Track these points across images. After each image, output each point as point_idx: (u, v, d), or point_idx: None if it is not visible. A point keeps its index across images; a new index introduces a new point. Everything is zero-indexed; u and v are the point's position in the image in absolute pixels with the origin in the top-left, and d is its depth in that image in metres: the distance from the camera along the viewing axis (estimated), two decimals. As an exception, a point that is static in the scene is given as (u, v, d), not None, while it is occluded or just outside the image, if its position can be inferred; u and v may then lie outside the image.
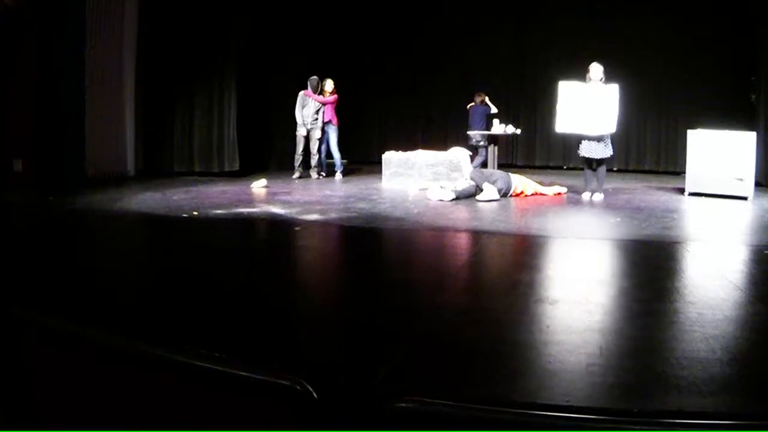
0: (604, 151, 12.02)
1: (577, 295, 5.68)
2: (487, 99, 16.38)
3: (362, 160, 19.19)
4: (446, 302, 5.71)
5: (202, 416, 1.87)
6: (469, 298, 6.00)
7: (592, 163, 12.26)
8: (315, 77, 15.80)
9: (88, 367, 2.14)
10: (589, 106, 11.98)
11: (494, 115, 16.19)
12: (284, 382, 1.76)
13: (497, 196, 11.86)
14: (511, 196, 12.26)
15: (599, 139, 11.95)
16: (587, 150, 12.12)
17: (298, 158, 15.83)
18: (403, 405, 1.69)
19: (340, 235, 9.42)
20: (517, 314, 5.27)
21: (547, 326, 4.92)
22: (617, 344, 4.51)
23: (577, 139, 12.31)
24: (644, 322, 4.90)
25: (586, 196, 12.26)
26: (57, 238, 8.99)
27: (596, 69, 12.13)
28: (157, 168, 16.18)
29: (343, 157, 16.61)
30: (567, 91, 12.26)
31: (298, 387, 1.73)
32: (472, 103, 16.47)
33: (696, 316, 4.97)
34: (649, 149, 18.24)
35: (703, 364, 4.01)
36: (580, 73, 12.37)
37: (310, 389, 1.73)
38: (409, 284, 6.34)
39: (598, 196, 12.12)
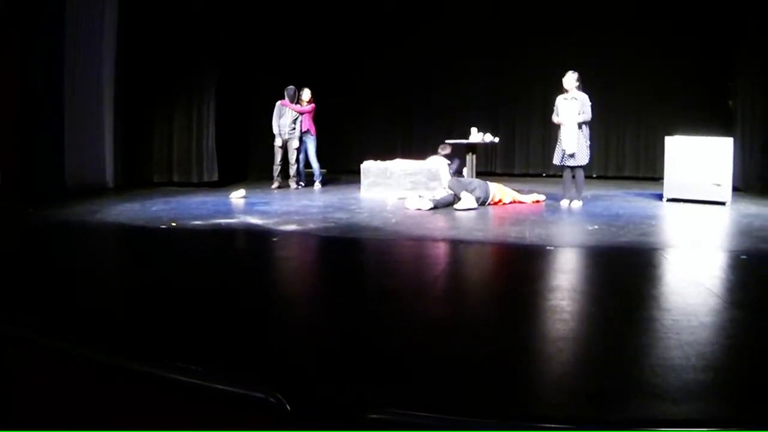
0: (575, 158, 12.01)
1: (552, 303, 5.70)
2: (447, 154, 15.11)
3: (341, 169, 19.17)
4: (423, 312, 5.72)
5: (177, 428, 1.89)
6: (445, 308, 6.01)
7: (570, 171, 12.28)
8: (292, 87, 15.79)
9: (65, 380, 2.15)
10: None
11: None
12: (258, 395, 1.78)
13: (475, 205, 11.87)
14: (489, 204, 12.26)
15: (571, 145, 11.96)
16: (558, 158, 12.19)
17: (276, 168, 15.81)
18: (377, 416, 1.71)
19: (318, 245, 9.40)
20: (493, 324, 5.29)
21: (523, 336, 4.94)
22: (592, 353, 4.54)
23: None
24: (619, 330, 4.93)
25: (564, 203, 12.28)
26: (35, 250, 8.96)
27: (567, 78, 12.17)
28: (137, 179, 16.15)
29: (321, 167, 16.59)
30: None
31: (272, 399, 1.75)
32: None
33: (671, 323, 5.00)
34: (628, 155, 18.30)
35: (678, 372, 4.03)
36: (555, 82, 12.40)
37: (284, 401, 1.75)
38: (386, 294, 6.35)
39: (577, 203, 12.13)
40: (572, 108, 12.01)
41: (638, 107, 17.78)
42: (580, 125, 11.95)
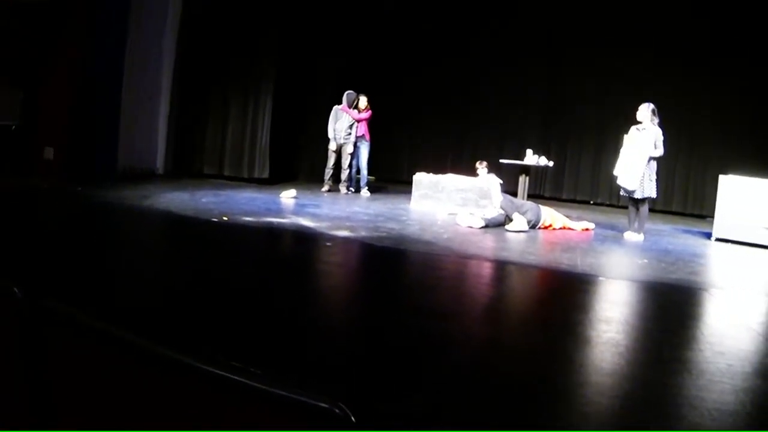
0: (638, 191, 11.74)
1: (607, 336, 5.68)
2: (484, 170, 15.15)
3: (389, 178, 19.19)
4: (478, 333, 5.76)
5: (238, 429, 1.84)
6: (502, 331, 6.03)
7: (634, 202, 12.02)
8: (353, 92, 15.84)
9: (112, 368, 2.11)
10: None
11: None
12: (323, 405, 1.72)
13: (526, 228, 11.81)
14: (539, 228, 12.19)
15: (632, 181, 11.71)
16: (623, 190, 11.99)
17: (329, 172, 15.87)
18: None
19: (371, 254, 9.38)
20: (548, 351, 5.26)
21: (577, 367, 4.88)
22: (648, 390, 4.48)
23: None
24: (674, 370, 4.89)
25: (627, 235, 12.10)
26: (85, 230, 9.06)
27: (640, 111, 11.90)
28: (186, 168, 16.29)
29: (370, 174, 16.58)
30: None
31: (337, 410, 1.70)
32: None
33: (725, 367, 4.93)
34: (676, 191, 18.07)
35: (734, 418, 3.98)
36: (610, 109, 12.23)
37: (349, 412, 1.69)
38: (444, 312, 6.36)
39: (634, 236, 11.89)
40: (641, 140, 11.75)
41: (690, 143, 17.53)
42: (649, 159, 11.70)
